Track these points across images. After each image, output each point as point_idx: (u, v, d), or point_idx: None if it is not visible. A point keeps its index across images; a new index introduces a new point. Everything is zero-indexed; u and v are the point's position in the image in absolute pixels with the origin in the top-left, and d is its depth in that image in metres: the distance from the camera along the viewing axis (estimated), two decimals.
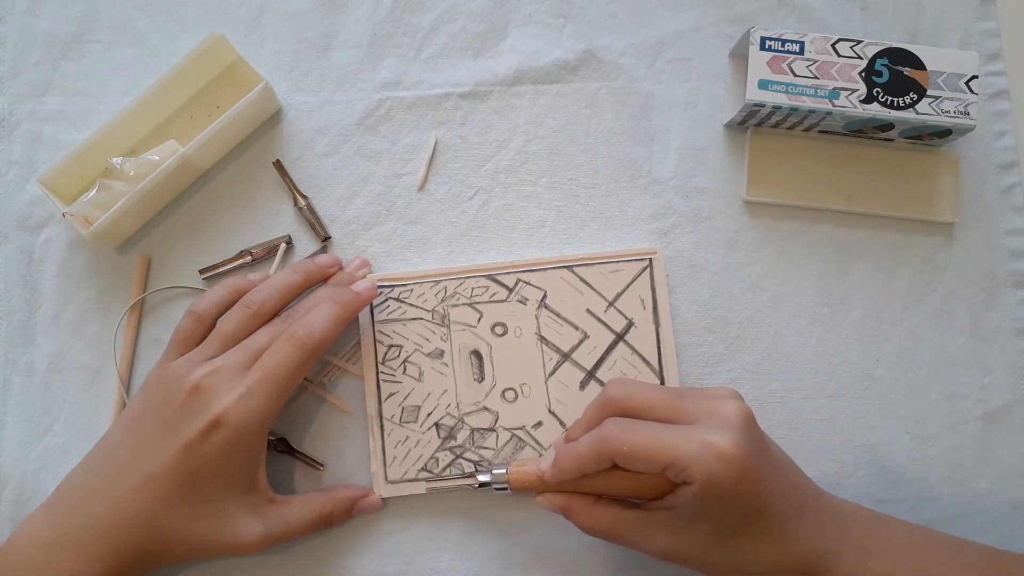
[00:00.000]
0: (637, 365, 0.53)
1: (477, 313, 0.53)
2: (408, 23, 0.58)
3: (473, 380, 0.52)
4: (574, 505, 0.46)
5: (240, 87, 0.54)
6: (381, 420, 0.52)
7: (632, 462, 0.43)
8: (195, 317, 0.49)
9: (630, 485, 0.45)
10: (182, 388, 0.46)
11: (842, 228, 0.56)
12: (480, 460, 0.51)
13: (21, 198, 0.55)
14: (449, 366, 0.52)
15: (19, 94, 0.57)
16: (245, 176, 0.56)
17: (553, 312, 0.53)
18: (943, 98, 0.52)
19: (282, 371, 0.46)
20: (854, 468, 0.53)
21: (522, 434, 0.52)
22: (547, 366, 0.53)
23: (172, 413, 0.46)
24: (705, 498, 0.41)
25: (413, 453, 0.51)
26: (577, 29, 0.58)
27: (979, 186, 0.56)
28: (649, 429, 0.43)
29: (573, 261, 0.54)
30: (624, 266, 0.54)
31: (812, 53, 0.52)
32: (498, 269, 0.53)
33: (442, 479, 0.51)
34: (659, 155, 0.56)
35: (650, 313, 0.53)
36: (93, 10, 0.58)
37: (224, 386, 0.46)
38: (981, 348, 0.54)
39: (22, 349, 0.54)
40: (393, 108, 0.57)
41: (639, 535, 0.45)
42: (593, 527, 0.46)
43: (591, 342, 0.53)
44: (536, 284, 0.53)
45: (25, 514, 0.52)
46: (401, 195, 0.56)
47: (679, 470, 0.41)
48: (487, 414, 0.52)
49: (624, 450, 0.42)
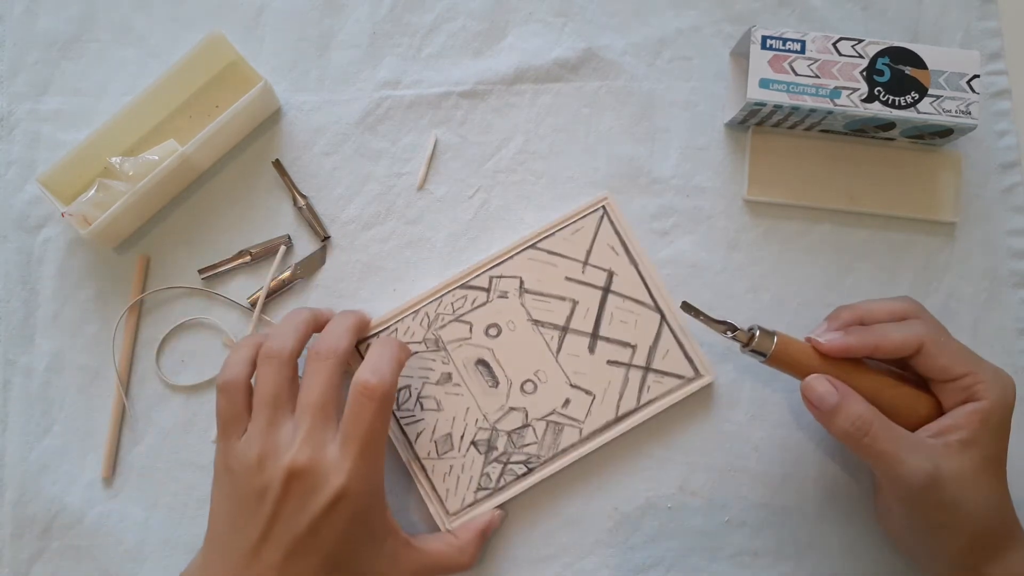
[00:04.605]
0: (633, 309, 0.53)
1: (466, 325, 0.52)
2: (408, 22, 0.58)
3: (489, 388, 0.52)
4: (846, 390, 0.45)
5: (239, 86, 0.53)
6: (419, 462, 0.51)
7: (934, 358, 0.45)
8: (229, 391, 0.46)
9: (898, 395, 0.45)
10: (276, 477, 0.43)
11: (843, 228, 0.56)
12: (528, 459, 0.51)
13: (20, 198, 0.55)
14: (461, 385, 0.52)
15: (18, 94, 0.57)
16: (244, 176, 0.56)
17: (535, 293, 0.53)
18: (944, 97, 0.51)
19: (373, 431, 0.44)
20: (855, 468, 0.53)
21: (555, 418, 0.52)
22: (551, 346, 0.52)
23: (276, 505, 0.43)
24: (989, 419, 0.43)
25: (463, 478, 0.51)
26: (577, 28, 0.58)
27: (981, 186, 0.56)
28: (955, 342, 0.46)
29: (534, 238, 0.53)
30: (582, 223, 0.53)
31: (813, 52, 0.52)
32: (469, 275, 0.53)
33: (501, 489, 0.51)
34: (659, 154, 0.56)
35: (624, 256, 0.53)
36: (92, 9, 0.58)
37: (323, 460, 0.43)
38: (983, 348, 0.54)
39: (21, 350, 0.54)
40: (393, 107, 0.57)
41: (903, 449, 0.43)
42: (859, 418, 0.44)
43: (582, 306, 0.53)
44: (509, 274, 0.53)
45: (27, 515, 0.52)
46: (401, 195, 0.56)
47: (975, 381, 0.44)
48: (516, 413, 0.52)
49: (935, 339, 0.45)
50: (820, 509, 0.52)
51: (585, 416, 0.52)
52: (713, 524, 0.52)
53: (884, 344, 0.45)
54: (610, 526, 0.52)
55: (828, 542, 0.52)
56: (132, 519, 0.52)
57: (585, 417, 0.52)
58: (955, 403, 0.45)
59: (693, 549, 0.52)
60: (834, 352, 0.46)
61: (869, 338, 0.46)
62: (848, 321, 0.47)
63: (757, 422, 0.53)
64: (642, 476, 0.53)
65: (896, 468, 0.43)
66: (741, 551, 0.52)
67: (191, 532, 0.52)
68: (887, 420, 0.44)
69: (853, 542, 0.52)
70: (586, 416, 0.52)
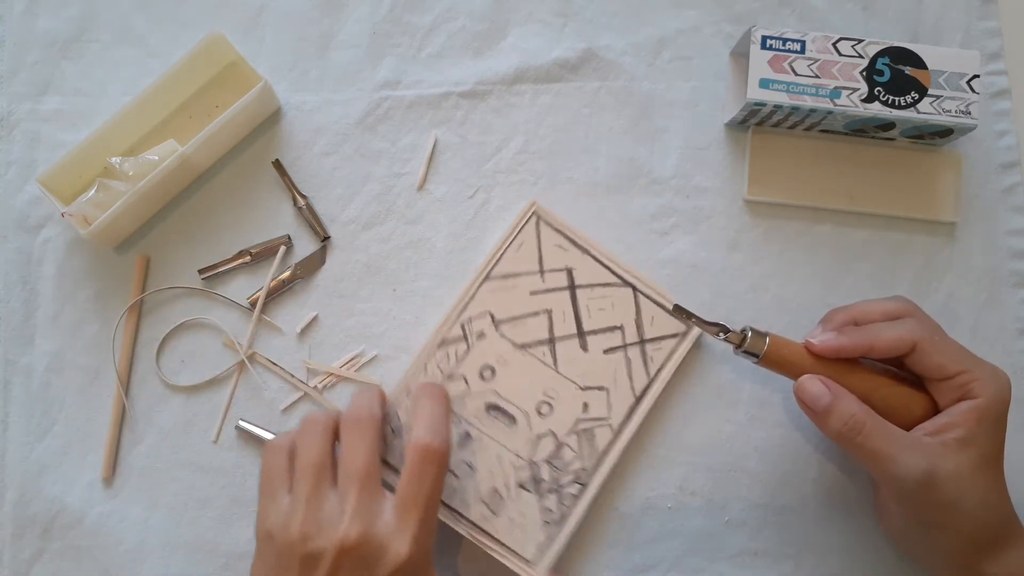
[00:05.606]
0: (605, 293, 0.52)
1: (460, 380, 0.52)
2: (408, 22, 0.58)
3: (509, 428, 0.51)
4: (839, 390, 0.45)
5: (239, 86, 0.53)
6: (479, 528, 0.50)
7: (928, 356, 0.45)
8: (274, 450, 0.44)
9: (893, 395, 0.45)
10: (327, 552, 0.40)
11: (843, 228, 0.56)
12: (577, 475, 0.50)
13: (20, 198, 0.55)
14: (483, 438, 0.51)
15: (18, 94, 0.57)
16: (244, 176, 0.56)
17: (510, 321, 0.52)
18: (944, 97, 0.51)
19: (435, 495, 0.42)
20: (854, 469, 0.53)
21: (582, 425, 0.51)
22: (547, 362, 0.52)
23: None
24: (985, 417, 0.43)
25: (527, 523, 0.50)
26: (577, 28, 0.58)
27: (980, 186, 0.56)
28: (950, 340, 0.46)
29: (484, 270, 0.53)
30: (522, 237, 0.53)
31: (813, 52, 0.52)
32: (443, 330, 0.52)
33: (567, 515, 0.50)
34: (659, 154, 0.56)
35: (574, 250, 0.53)
36: (92, 9, 0.58)
37: (377, 533, 0.41)
38: (982, 348, 0.54)
39: (21, 350, 0.54)
40: (392, 107, 0.57)
41: (897, 448, 0.43)
42: (851, 418, 0.44)
43: (557, 312, 0.52)
44: (478, 313, 0.52)
45: (27, 515, 0.52)
46: (401, 195, 0.56)
47: (970, 379, 0.44)
48: (545, 439, 0.51)
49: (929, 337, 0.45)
50: (820, 509, 0.52)
51: (608, 411, 0.52)
52: (713, 524, 0.52)
53: (878, 344, 0.45)
54: (610, 526, 0.52)
55: (828, 542, 0.52)
56: (132, 519, 0.52)
57: (609, 412, 0.51)
58: (950, 401, 0.45)
59: (693, 549, 0.52)
60: (827, 353, 0.46)
61: (863, 338, 0.46)
62: (842, 322, 0.47)
63: (757, 422, 0.53)
64: (642, 476, 0.53)
65: (890, 467, 0.43)
66: (741, 551, 0.52)
67: (191, 532, 0.52)
68: (881, 419, 0.44)
69: (853, 542, 0.52)
70: (609, 410, 0.51)
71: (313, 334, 0.54)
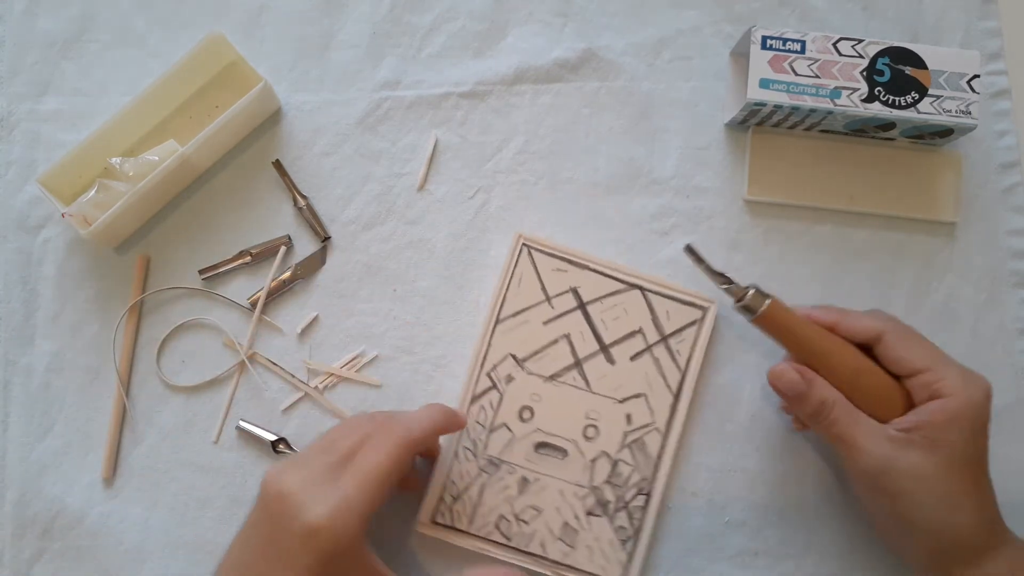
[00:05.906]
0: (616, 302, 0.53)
1: (502, 428, 0.52)
2: (408, 22, 0.58)
3: (562, 461, 0.51)
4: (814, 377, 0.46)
5: (239, 87, 0.53)
6: (562, 565, 0.50)
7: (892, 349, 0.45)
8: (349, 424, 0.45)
9: (877, 383, 0.46)
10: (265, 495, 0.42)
11: (843, 228, 0.56)
12: (639, 487, 0.51)
13: (20, 198, 0.55)
14: (540, 476, 0.51)
15: (18, 94, 0.57)
16: (244, 176, 0.56)
17: (531, 356, 0.52)
18: (945, 97, 0.51)
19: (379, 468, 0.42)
20: None
21: (631, 437, 0.52)
22: (580, 385, 0.52)
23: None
24: (957, 419, 0.43)
25: (605, 547, 0.50)
26: (577, 28, 0.58)
27: (980, 186, 0.56)
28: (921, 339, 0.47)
29: (492, 315, 0.52)
30: (519, 271, 0.53)
31: (813, 52, 0.52)
32: (471, 387, 0.52)
33: (640, 529, 0.50)
34: (659, 155, 0.56)
35: (573, 268, 0.53)
36: (92, 10, 0.58)
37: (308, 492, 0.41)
38: (982, 348, 0.54)
39: (21, 350, 0.54)
40: (393, 108, 0.57)
41: (863, 435, 0.45)
42: (822, 403, 0.45)
43: (575, 333, 0.53)
44: (499, 359, 0.52)
45: (27, 515, 0.52)
46: (401, 195, 0.56)
47: (936, 378, 0.44)
48: (599, 461, 0.51)
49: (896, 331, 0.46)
50: (820, 509, 0.52)
51: (652, 415, 0.52)
52: (713, 524, 0.52)
53: (845, 321, 0.47)
54: None
55: (828, 542, 0.52)
56: (132, 519, 0.52)
57: (652, 416, 0.52)
58: (922, 400, 0.45)
59: (693, 549, 0.52)
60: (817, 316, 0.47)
61: (833, 313, 0.47)
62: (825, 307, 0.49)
63: (757, 422, 0.53)
64: None
65: (851, 452, 0.45)
66: (741, 551, 0.52)
67: (191, 532, 0.52)
68: (851, 406, 0.46)
69: (853, 542, 0.52)
70: (652, 414, 0.52)
71: (313, 334, 0.54)
